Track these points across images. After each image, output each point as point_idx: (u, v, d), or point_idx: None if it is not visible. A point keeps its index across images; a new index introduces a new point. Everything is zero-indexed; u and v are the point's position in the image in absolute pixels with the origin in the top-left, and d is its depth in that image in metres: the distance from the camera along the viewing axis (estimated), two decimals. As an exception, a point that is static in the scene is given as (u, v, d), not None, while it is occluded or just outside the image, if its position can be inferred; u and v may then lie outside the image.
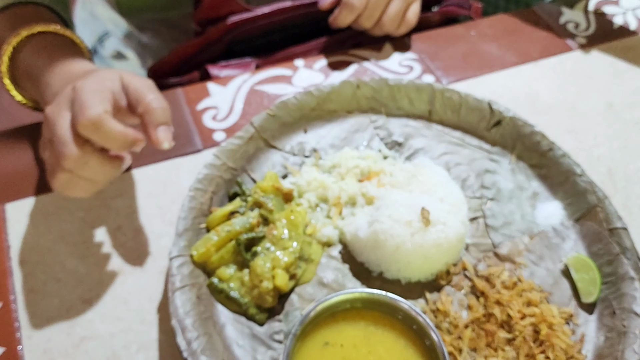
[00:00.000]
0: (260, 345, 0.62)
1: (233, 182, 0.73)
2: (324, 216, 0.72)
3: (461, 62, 0.94)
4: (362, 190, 0.73)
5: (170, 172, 0.76)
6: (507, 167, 0.79)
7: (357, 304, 0.60)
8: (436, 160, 0.79)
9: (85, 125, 0.57)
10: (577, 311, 0.67)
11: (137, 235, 0.71)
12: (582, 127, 0.86)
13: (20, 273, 0.67)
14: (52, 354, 0.62)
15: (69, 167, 0.59)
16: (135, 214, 0.72)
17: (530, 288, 0.67)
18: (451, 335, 0.63)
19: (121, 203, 0.73)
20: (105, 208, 0.73)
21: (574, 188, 0.74)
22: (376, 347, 0.58)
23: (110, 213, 0.72)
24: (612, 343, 0.63)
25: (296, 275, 0.66)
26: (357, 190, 0.73)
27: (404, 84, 0.82)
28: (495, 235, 0.72)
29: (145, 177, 0.76)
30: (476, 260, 0.70)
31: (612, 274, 0.67)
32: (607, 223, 0.70)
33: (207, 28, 0.92)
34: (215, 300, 0.64)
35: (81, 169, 0.59)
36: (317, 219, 0.72)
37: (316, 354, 0.57)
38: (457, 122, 0.82)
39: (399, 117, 0.83)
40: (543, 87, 0.92)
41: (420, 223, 0.66)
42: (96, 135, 0.58)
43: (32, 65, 0.73)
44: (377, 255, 0.67)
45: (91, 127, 0.57)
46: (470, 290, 0.67)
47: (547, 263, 0.70)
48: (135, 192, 0.75)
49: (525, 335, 0.63)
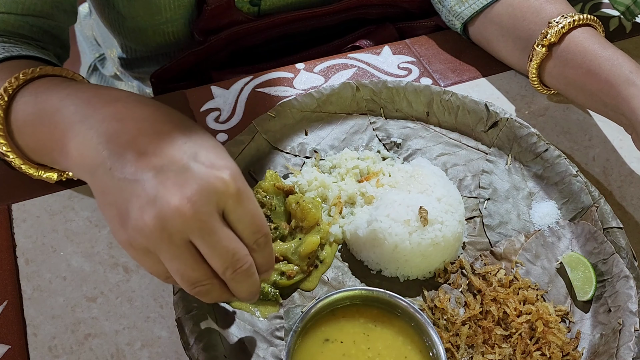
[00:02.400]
0: (262, 342, 0.63)
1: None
2: (325, 215, 0.74)
3: (459, 64, 0.95)
4: (361, 190, 0.74)
5: None
6: (503, 168, 0.80)
7: (357, 301, 0.61)
8: (434, 161, 0.80)
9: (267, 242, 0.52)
10: (572, 309, 0.68)
11: None
12: (577, 128, 0.88)
13: (26, 271, 0.68)
14: (57, 351, 0.63)
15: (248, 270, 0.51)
16: None
17: (526, 286, 0.68)
18: (449, 332, 0.65)
19: None
20: None
21: (569, 188, 0.76)
22: (375, 344, 0.59)
23: None
24: (607, 340, 0.64)
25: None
26: (356, 190, 0.74)
27: (402, 86, 0.84)
28: (491, 234, 0.74)
29: None
30: (473, 259, 0.72)
31: (607, 272, 0.69)
32: (602, 222, 0.72)
33: (208, 38, 0.93)
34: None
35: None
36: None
37: (316, 350, 0.58)
38: (454, 124, 0.84)
39: (397, 119, 0.85)
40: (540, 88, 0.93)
41: (418, 222, 0.67)
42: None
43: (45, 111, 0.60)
44: (376, 254, 0.68)
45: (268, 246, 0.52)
46: (468, 288, 0.69)
47: (542, 261, 0.72)
48: None
49: (522, 332, 0.64)
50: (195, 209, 0.47)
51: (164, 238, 0.48)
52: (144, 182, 0.48)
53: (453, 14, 0.93)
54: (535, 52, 0.81)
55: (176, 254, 0.49)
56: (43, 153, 0.63)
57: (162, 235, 0.47)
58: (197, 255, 0.50)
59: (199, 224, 0.48)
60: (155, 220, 0.47)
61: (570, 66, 0.79)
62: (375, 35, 1.02)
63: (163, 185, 0.48)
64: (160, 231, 0.47)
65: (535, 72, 0.83)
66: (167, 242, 0.48)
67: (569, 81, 0.80)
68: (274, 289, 0.65)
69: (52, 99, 0.59)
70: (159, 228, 0.47)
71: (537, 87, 0.86)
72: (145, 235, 0.48)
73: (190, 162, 0.49)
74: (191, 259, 0.49)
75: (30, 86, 0.64)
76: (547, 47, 0.80)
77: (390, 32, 1.03)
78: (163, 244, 0.48)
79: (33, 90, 0.63)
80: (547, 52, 0.81)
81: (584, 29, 0.79)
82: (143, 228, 0.48)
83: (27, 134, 0.63)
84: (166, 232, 0.47)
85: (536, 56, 0.81)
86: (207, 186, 0.48)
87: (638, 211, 0.79)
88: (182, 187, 0.48)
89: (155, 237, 0.48)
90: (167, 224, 0.47)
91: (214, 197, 0.48)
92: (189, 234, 0.48)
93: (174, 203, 0.47)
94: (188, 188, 0.48)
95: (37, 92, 0.62)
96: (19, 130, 0.63)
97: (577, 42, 0.78)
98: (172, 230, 0.47)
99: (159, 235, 0.47)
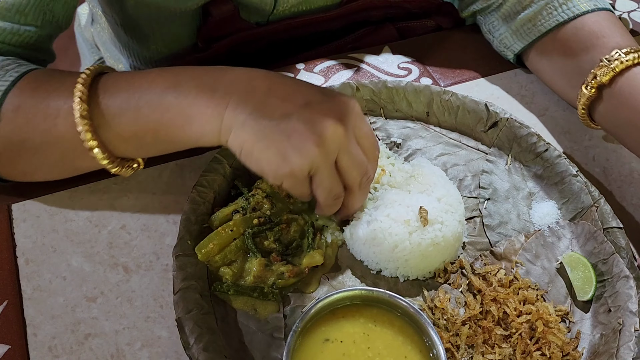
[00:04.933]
0: (262, 342, 0.63)
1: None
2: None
3: (459, 64, 0.95)
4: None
5: (174, 173, 0.78)
6: (503, 168, 0.80)
7: (357, 301, 0.61)
8: (434, 161, 0.80)
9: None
10: (572, 309, 0.68)
11: (142, 234, 0.72)
12: (577, 128, 0.88)
13: (26, 271, 0.68)
14: (56, 351, 0.63)
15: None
16: (140, 213, 0.74)
17: (526, 286, 0.68)
18: (449, 332, 0.65)
19: (126, 203, 0.74)
20: (110, 207, 0.74)
21: (569, 188, 0.76)
22: (375, 343, 0.59)
23: (115, 212, 0.74)
24: (607, 340, 0.64)
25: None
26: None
27: (402, 86, 0.84)
28: (491, 234, 0.74)
29: (150, 178, 0.77)
30: (473, 259, 0.72)
31: (607, 272, 0.69)
32: (602, 222, 0.72)
33: (211, 45, 0.93)
34: (218, 297, 0.66)
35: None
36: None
37: (317, 350, 0.58)
38: (454, 124, 0.84)
39: (397, 119, 0.85)
40: (539, 89, 0.93)
41: (418, 222, 0.67)
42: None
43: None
44: (375, 254, 0.68)
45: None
46: (467, 288, 0.69)
47: (542, 261, 0.72)
48: (139, 192, 0.76)
49: (522, 332, 0.64)
50: (344, 128, 0.58)
51: (325, 158, 0.58)
52: (298, 117, 0.57)
53: (504, 46, 0.92)
54: (582, 93, 0.78)
55: (330, 172, 0.60)
56: (148, 136, 0.63)
57: (323, 156, 0.57)
58: (337, 172, 0.61)
59: (348, 140, 0.59)
60: (318, 143, 0.56)
61: (624, 108, 0.74)
62: (375, 35, 1.02)
63: (315, 115, 0.57)
64: (323, 153, 0.57)
65: (584, 112, 0.80)
66: (325, 161, 0.58)
67: (620, 123, 0.76)
68: (274, 289, 0.65)
69: (148, 81, 0.62)
70: (322, 150, 0.57)
71: (588, 124, 0.82)
72: (310, 158, 0.57)
73: (323, 96, 0.60)
74: (336, 175, 0.61)
75: (98, 82, 0.63)
76: (597, 89, 0.77)
77: (390, 32, 1.03)
78: (323, 163, 0.58)
79: (109, 82, 0.63)
80: (597, 94, 0.77)
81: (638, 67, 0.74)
82: (308, 152, 0.57)
83: (123, 123, 0.62)
84: (326, 151, 0.57)
85: (583, 97, 0.78)
86: (346, 108, 0.59)
87: (638, 211, 0.79)
88: (330, 113, 0.57)
89: (318, 159, 0.57)
90: (327, 145, 0.57)
91: (352, 116, 0.59)
92: (340, 151, 0.59)
93: (330, 126, 0.57)
94: (334, 113, 0.58)
95: (116, 81, 0.63)
96: (107, 122, 0.62)
97: (631, 83, 0.74)
98: (330, 149, 0.57)
99: (322, 156, 0.57)
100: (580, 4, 0.83)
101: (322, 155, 0.57)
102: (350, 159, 0.60)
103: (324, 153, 0.57)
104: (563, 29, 0.84)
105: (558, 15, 0.84)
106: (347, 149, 0.59)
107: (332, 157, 0.59)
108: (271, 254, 0.67)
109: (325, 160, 0.58)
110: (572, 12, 0.83)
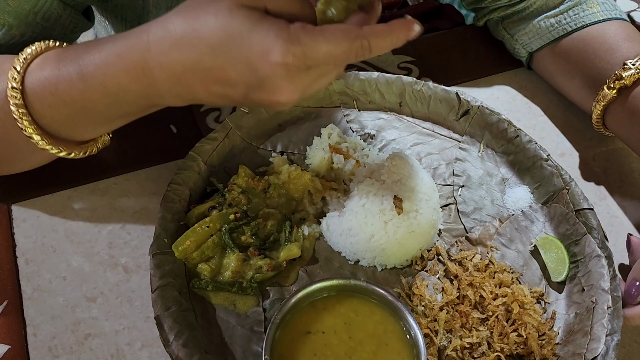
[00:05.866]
0: (242, 336, 0.64)
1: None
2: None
3: (459, 64, 0.96)
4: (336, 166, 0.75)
5: (173, 173, 0.77)
6: (476, 155, 0.81)
7: (334, 292, 0.62)
8: (408, 150, 0.81)
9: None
10: (547, 290, 0.70)
11: (141, 234, 0.72)
12: (577, 128, 0.89)
13: (26, 271, 0.68)
14: (56, 351, 0.63)
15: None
16: (140, 213, 0.74)
17: (501, 269, 0.69)
18: (427, 318, 0.65)
19: (125, 203, 0.74)
20: (110, 208, 0.74)
21: (541, 172, 0.77)
22: (356, 333, 0.60)
23: (115, 212, 0.74)
24: (581, 319, 0.65)
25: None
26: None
27: (374, 78, 0.84)
28: (466, 221, 0.75)
29: (149, 178, 0.77)
30: (449, 245, 0.73)
31: (580, 253, 0.70)
32: (573, 204, 0.73)
33: None
34: (197, 294, 0.66)
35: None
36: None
37: (298, 342, 0.59)
38: (427, 114, 0.85)
39: (370, 111, 0.85)
40: (539, 89, 0.94)
41: (393, 211, 0.68)
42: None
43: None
44: (352, 244, 0.69)
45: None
46: (444, 274, 0.70)
47: (517, 245, 0.73)
48: (139, 192, 0.76)
49: (498, 314, 0.65)
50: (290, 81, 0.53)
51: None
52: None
53: (521, 43, 0.92)
54: (603, 93, 0.77)
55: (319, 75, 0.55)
56: (95, 105, 0.58)
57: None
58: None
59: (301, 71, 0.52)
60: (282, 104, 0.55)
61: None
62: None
63: (261, 100, 0.54)
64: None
65: (600, 114, 0.80)
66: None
67: (633, 130, 0.76)
68: (253, 283, 0.66)
69: (88, 48, 0.56)
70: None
71: (600, 128, 0.82)
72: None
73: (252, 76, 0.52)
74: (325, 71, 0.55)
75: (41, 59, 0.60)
76: (618, 90, 0.76)
77: None
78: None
79: (50, 58, 0.59)
80: (617, 95, 0.77)
81: None
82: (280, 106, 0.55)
83: (66, 95, 0.58)
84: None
85: (604, 98, 0.78)
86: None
87: (638, 211, 0.80)
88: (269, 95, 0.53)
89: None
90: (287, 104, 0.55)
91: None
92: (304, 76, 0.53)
93: (280, 102, 0.54)
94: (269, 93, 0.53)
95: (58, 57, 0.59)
96: (48, 100, 0.58)
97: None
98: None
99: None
100: (605, 10, 0.85)
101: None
102: (317, 71, 0.54)
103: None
104: (588, 30, 0.85)
105: (585, 17, 0.85)
106: (307, 73, 0.53)
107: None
108: (249, 248, 0.68)
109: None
110: (597, 17, 0.84)
